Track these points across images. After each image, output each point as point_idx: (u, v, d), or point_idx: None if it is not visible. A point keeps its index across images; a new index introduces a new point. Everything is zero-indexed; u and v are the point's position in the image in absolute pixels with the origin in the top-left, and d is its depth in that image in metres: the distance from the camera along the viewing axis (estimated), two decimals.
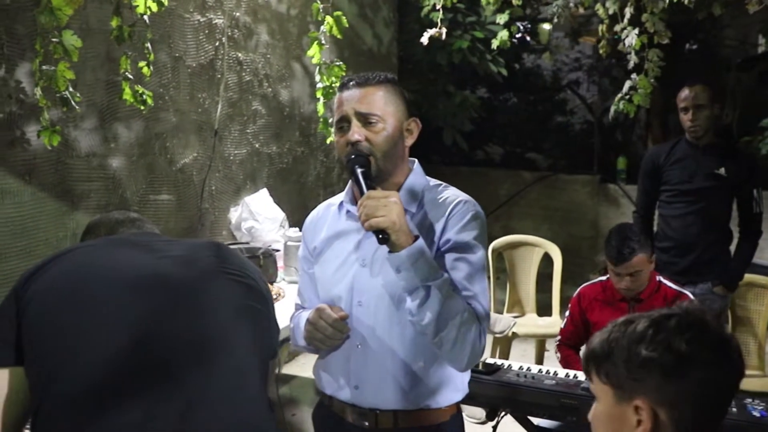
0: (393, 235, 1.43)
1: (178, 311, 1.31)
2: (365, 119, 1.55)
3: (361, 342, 1.59)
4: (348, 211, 1.67)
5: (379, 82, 1.59)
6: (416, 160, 1.70)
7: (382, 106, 1.56)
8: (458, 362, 1.55)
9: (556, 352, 2.90)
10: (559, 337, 2.89)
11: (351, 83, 1.59)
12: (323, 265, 1.69)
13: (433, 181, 1.69)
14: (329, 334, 1.57)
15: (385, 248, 1.50)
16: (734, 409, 2.15)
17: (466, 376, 1.67)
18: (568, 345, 2.84)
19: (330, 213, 1.73)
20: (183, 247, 1.45)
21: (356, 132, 1.54)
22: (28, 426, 1.31)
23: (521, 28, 5.75)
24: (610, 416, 1.06)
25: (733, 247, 3.28)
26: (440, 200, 1.62)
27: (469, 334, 1.50)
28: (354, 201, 1.65)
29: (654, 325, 1.04)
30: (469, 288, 1.54)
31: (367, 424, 1.61)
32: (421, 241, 1.46)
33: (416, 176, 1.66)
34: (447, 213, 1.58)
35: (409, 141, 1.63)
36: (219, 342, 1.31)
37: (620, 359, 1.04)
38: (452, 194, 1.64)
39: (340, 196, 1.74)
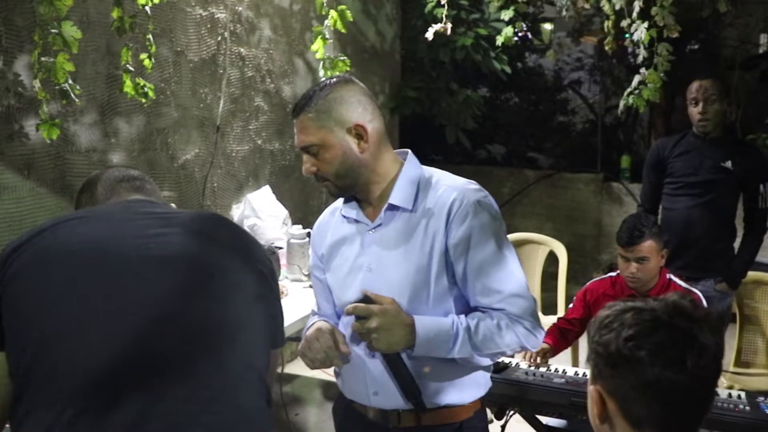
0: (389, 349, 1.48)
1: (193, 295, 1.19)
2: (307, 151, 1.53)
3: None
4: (346, 216, 1.64)
5: (307, 106, 1.52)
6: (409, 152, 1.63)
7: (316, 133, 1.51)
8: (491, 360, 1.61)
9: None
10: (559, 318, 2.86)
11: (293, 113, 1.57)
12: (333, 273, 1.66)
13: (428, 171, 1.61)
14: (320, 358, 1.53)
15: (390, 251, 1.53)
16: (747, 408, 2.12)
17: (488, 370, 1.65)
18: (563, 329, 2.77)
19: (335, 218, 1.69)
20: (192, 222, 1.31)
21: (307, 164, 1.55)
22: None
23: (524, 26, 5.72)
24: (589, 394, 1.05)
25: (737, 244, 3.22)
26: (436, 199, 1.54)
27: (508, 347, 1.53)
28: (354, 201, 1.62)
29: (618, 314, 1.00)
30: (499, 290, 1.52)
31: (390, 424, 1.59)
32: (422, 337, 1.46)
33: (409, 170, 1.58)
34: (446, 218, 1.51)
35: (364, 145, 1.52)
36: (232, 331, 1.21)
37: (590, 341, 1.04)
38: (446, 190, 1.55)
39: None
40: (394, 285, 1.52)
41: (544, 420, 2.42)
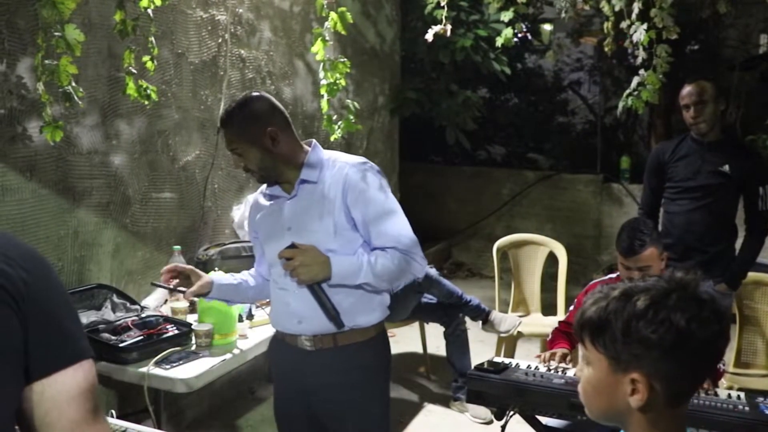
0: (311, 280, 1.92)
1: None
2: (234, 152, 1.99)
3: (297, 287, 1.96)
4: (269, 195, 2.09)
5: (230, 120, 1.96)
6: (313, 140, 2.06)
7: (237, 140, 1.96)
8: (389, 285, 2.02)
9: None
10: (560, 321, 2.85)
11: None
12: (265, 236, 2.11)
13: (327, 154, 2.04)
14: None
15: (305, 213, 1.97)
16: (747, 408, 2.12)
17: (386, 299, 2.07)
18: (569, 333, 2.75)
19: (261, 198, 2.14)
20: None
21: (235, 162, 2.01)
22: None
23: (524, 27, 5.74)
24: (603, 382, 1.08)
25: (738, 244, 3.23)
26: (334, 172, 1.97)
27: (402, 272, 1.95)
28: (275, 184, 2.05)
29: (654, 304, 1.03)
30: (389, 234, 1.95)
31: (312, 347, 2.02)
32: (335, 268, 1.91)
33: (313, 154, 2.02)
34: (342, 185, 1.95)
35: (278, 144, 1.95)
36: None
37: (619, 333, 1.05)
38: (341, 165, 1.99)
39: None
40: (309, 237, 1.96)
41: (544, 420, 2.42)
